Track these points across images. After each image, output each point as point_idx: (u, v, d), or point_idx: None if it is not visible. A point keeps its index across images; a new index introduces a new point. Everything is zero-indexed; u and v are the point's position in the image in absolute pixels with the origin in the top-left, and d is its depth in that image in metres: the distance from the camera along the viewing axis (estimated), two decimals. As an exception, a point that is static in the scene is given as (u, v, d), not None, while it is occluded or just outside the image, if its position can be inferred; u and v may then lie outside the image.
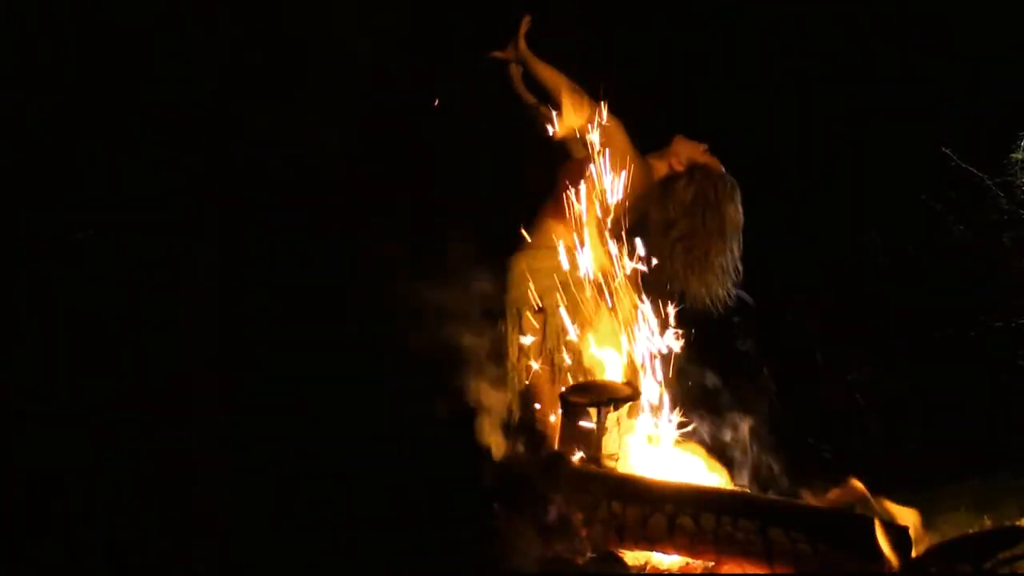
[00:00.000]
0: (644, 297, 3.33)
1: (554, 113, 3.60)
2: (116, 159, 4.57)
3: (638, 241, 3.40)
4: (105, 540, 4.36)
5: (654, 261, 3.41)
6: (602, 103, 3.59)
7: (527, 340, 3.47)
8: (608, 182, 3.50)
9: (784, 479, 3.15)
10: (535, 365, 3.46)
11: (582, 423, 2.78)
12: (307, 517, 4.67)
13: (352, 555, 4.45)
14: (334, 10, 4.43)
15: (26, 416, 4.37)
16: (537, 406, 3.44)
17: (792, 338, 5.71)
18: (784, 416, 5.10)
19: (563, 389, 3.01)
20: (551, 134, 3.75)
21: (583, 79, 3.68)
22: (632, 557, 2.63)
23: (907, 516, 2.68)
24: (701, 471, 2.94)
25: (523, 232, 3.67)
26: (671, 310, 3.40)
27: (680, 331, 3.34)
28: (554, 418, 3.23)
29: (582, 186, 3.52)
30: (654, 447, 2.96)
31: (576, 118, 3.52)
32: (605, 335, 3.35)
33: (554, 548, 2.63)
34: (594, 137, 3.53)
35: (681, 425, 3.14)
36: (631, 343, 3.18)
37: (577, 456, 2.74)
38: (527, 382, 3.46)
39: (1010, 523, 3.38)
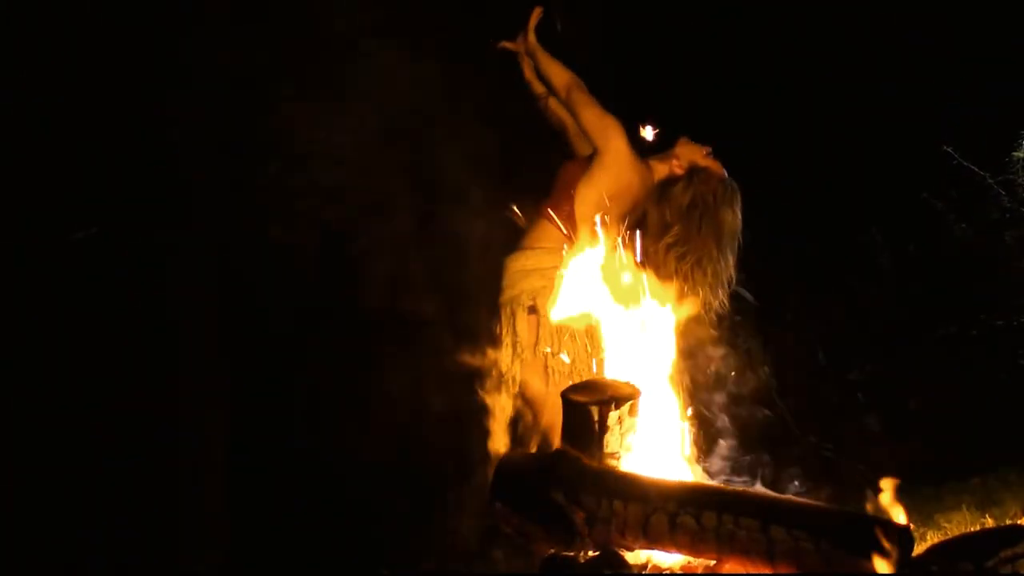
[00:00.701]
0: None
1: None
2: (116, 159, 4.57)
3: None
4: (105, 540, 4.35)
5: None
6: None
7: (521, 341, 3.44)
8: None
9: (786, 476, 3.16)
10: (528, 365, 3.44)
11: (583, 422, 2.76)
12: (307, 517, 4.67)
13: (352, 555, 4.46)
14: (334, 8, 4.42)
15: (26, 416, 4.37)
16: (533, 406, 3.42)
17: (794, 336, 5.71)
18: (786, 414, 5.11)
19: (564, 388, 3.00)
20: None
21: (586, 77, 3.67)
22: (633, 556, 2.63)
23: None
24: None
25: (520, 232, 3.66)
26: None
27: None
28: (552, 418, 3.21)
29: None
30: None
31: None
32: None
33: (555, 547, 2.62)
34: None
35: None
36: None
37: (578, 455, 2.73)
38: (521, 383, 3.44)
39: (1012, 521, 3.38)
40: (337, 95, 4.63)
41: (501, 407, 3.41)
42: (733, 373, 4.59)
